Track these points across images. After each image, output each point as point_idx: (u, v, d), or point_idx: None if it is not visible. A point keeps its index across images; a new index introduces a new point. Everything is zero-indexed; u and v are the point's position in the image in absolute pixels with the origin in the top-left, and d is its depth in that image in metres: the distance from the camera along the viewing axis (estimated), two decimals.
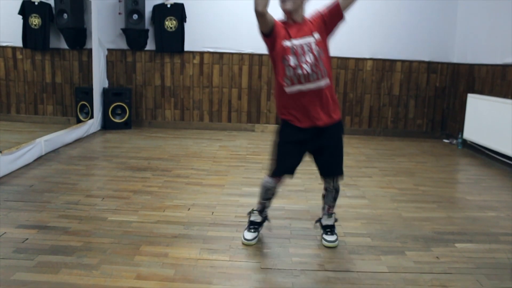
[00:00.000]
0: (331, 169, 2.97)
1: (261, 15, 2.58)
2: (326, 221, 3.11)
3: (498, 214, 3.74)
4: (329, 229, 3.08)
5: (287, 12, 2.73)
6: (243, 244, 2.99)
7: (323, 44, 2.76)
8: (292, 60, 2.70)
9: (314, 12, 2.84)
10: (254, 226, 3.08)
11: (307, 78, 2.71)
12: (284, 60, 2.71)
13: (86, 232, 3.06)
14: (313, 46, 2.71)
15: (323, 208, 3.15)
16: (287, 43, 2.70)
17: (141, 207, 3.58)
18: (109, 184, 4.16)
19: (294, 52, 2.69)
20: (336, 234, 3.08)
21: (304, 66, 2.69)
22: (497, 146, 5.40)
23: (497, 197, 4.20)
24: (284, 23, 2.76)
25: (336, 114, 2.85)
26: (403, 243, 3.08)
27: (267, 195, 3.02)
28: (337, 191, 3.05)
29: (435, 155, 5.93)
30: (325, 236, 3.06)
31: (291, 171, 2.91)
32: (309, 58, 2.70)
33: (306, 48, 2.70)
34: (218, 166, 4.93)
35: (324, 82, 2.75)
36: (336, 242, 3.03)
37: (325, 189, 3.09)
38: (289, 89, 2.74)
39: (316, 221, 3.19)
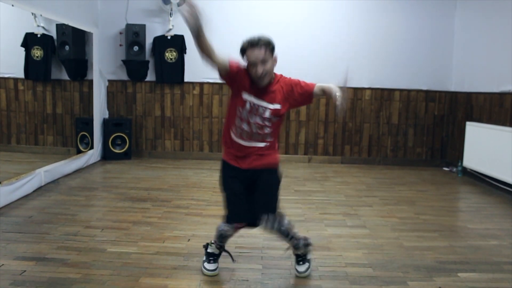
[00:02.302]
0: (260, 206, 2.86)
1: (205, 59, 2.63)
2: (296, 251, 3.02)
3: (501, 242, 3.71)
4: (300, 258, 3.03)
5: (257, 78, 2.69)
6: (205, 275, 2.94)
7: (279, 113, 2.79)
8: (244, 114, 2.74)
9: (288, 79, 2.83)
10: (213, 257, 3.02)
11: (249, 136, 2.78)
12: (238, 109, 2.75)
13: (85, 264, 3.03)
14: (267, 113, 2.74)
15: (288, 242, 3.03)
16: (246, 97, 2.73)
17: (141, 238, 3.55)
18: (109, 215, 4.14)
19: (249, 108, 2.73)
20: (308, 261, 3.02)
21: (252, 125, 2.75)
22: (497, 173, 5.40)
23: (499, 225, 4.18)
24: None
25: (273, 161, 2.87)
26: (405, 273, 3.05)
27: (221, 240, 2.98)
28: (280, 231, 2.89)
29: (435, 183, 5.92)
30: (296, 267, 3.03)
31: (244, 217, 2.86)
32: (259, 120, 2.75)
33: (260, 110, 2.74)
34: (218, 196, 4.89)
35: (263, 144, 2.81)
36: (308, 271, 2.99)
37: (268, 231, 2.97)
38: (233, 137, 2.81)
39: (286, 249, 3.12)
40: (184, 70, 6.89)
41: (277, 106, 2.76)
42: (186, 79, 6.92)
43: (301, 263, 3.03)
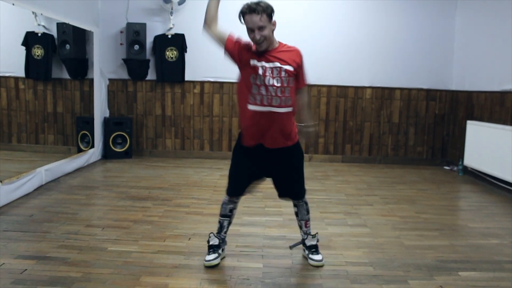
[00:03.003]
0: (288, 192, 3.08)
1: (207, 28, 2.80)
2: (311, 242, 3.18)
3: (502, 241, 3.71)
4: (314, 248, 3.17)
5: (255, 43, 2.76)
6: (205, 266, 3.03)
7: (293, 75, 2.83)
8: (259, 79, 2.75)
9: (299, 52, 2.93)
10: (213, 248, 3.11)
11: (269, 100, 2.77)
12: (252, 77, 2.78)
13: (86, 263, 3.03)
14: (282, 73, 2.77)
15: (300, 226, 3.21)
16: (255, 63, 2.76)
17: (141, 237, 3.55)
18: (109, 214, 4.14)
19: (263, 72, 2.74)
20: (320, 253, 3.16)
21: (270, 88, 2.76)
22: (497, 172, 5.39)
23: (499, 224, 4.18)
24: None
25: (291, 140, 2.94)
26: (406, 272, 3.05)
27: (224, 210, 3.12)
28: (306, 203, 3.15)
29: (436, 182, 5.92)
30: (311, 256, 3.14)
31: (239, 192, 3.06)
32: (276, 81, 2.76)
33: (275, 72, 2.76)
34: (219, 195, 4.91)
35: (285, 110, 2.82)
36: (323, 261, 3.11)
37: (294, 204, 3.16)
38: (251, 107, 2.81)
39: (292, 246, 3.26)
40: (184, 69, 6.89)
41: (289, 67, 2.79)
42: (186, 78, 6.92)
43: (315, 253, 3.15)
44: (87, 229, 3.69)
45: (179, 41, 6.77)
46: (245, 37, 2.87)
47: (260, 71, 2.74)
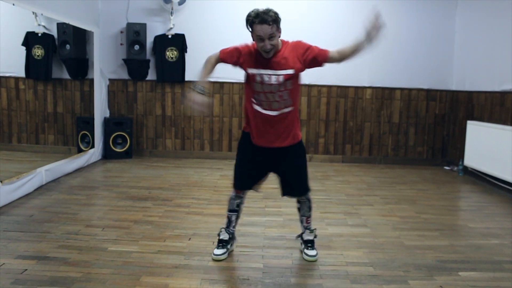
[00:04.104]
0: (293, 190, 3.12)
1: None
2: (308, 236, 3.25)
3: (502, 241, 3.71)
4: (310, 244, 3.23)
5: (264, 51, 2.79)
6: (213, 260, 3.11)
7: (294, 77, 2.85)
8: (257, 86, 2.83)
9: (299, 43, 2.92)
10: (222, 243, 3.20)
11: (269, 105, 2.86)
12: (251, 84, 2.88)
13: (86, 263, 3.03)
14: (281, 79, 2.81)
15: (301, 221, 3.27)
16: (253, 71, 2.82)
17: (142, 237, 3.55)
18: (110, 214, 4.14)
19: (260, 80, 2.81)
20: (315, 249, 3.23)
21: (268, 95, 2.83)
22: (498, 172, 5.39)
23: (500, 224, 4.17)
24: (256, 50, 2.84)
25: (294, 138, 2.99)
26: (406, 272, 3.05)
27: (232, 205, 3.18)
28: (309, 200, 3.19)
29: (436, 182, 5.92)
30: (306, 251, 3.21)
31: (246, 186, 3.11)
32: (274, 88, 2.82)
33: (273, 79, 2.81)
34: (219, 195, 4.91)
35: (286, 110, 2.90)
36: (316, 257, 3.18)
37: (298, 201, 3.21)
38: (256, 107, 2.90)
39: (298, 236, 3.32)
40: (185, 69, 6.88)
41: (289, 71, 2.82)
42: (187, 78, 6.91)
43: (310, 248, 3.21)
44: (87, 229, 3.69)
45: (179, 41, 6.77)
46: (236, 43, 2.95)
47: (258, 79, 2.82)
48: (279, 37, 2.82)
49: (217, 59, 2.94)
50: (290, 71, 2.82)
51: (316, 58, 2.86)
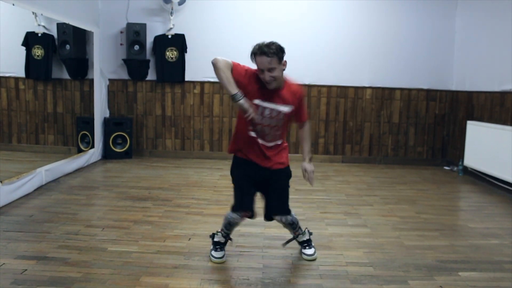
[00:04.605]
0: (277, 210, 3.10)
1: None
2: (302, 238, 3.27)
3: (502, 241, 3.71)
4: (307, 243, 3.27)
5: (264, 81, 2.82)
6: (213, 262, 3.11)
7: (289, 115, 2.94)
8: (257, 118, 2.86)
9: (302, 94, 3.01)
10: (219, 246, 3.20)
11: (263, 136, 2.93)
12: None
13: (86, 263, 3.03)
14: (281, 116, 2.89)
15: (292, 233, 3.29)
16: (257, 102, 2.85)
17: (141, 237, 3.55)
18: (109, 214, 4.14)
19: (261, 112, 2.86)
20: (313, 247, 3.26)
21: (265, 128, 2.91)
22: (497, 172, 5.39)
23: (499, 224, 4.17)
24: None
25: (282, 162, 3.03)
26: (406, 272, 3.05)
27: (229, 228, 3.16)
28: (290, 224, 3.17)
29: (436, 182, 5.91)
30: (304, 251, 3.25)
31: (247, 205, 3.04)
32: (273, 121, 2.90)
33: (274, 113, 2.88)
34: (219, 195, 4.91)
35: (275, 143, 2.98)
36: (315, 255, 3.21)
37: (284, 224, 3.20)
38: (250, 133, 2.94)
39: (285, 243, 3.31)
40: (184, 69, 6.89)
41: (288, 109, 2.90)
42: (187, 78, 6.92)
43: (307, 247, 3.25)
44: (87, 229, 3.69)
45: (179, 41, 6.77)
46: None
47: (260, 111, 2.86)
48: (283, 70, 2.83)
49: (230, 68, 2.81)
50: (289, 109, 2.90)
51: (299, 114, 3.03)
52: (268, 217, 3.13)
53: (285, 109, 2.88)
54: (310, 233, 3.33)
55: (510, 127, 5.23)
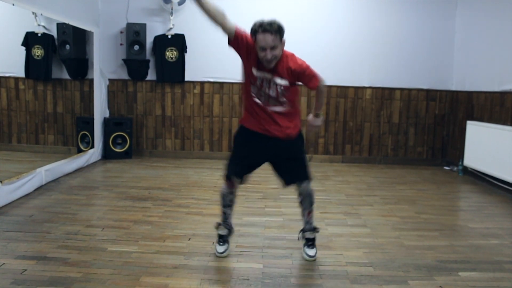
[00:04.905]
0: (293, 176, 3.12)
1: (212, 21, 2.79)
2: (310, 235, 3.27)
3: (502, 241, 3.71)
4: (311, 242, 3.26)
5: (265, 61, 2.83)
6: (217, 256, 3.17)
7: (288, 87, 2.93)
8: (257, 85, 2.90)
9: (297, 62, 2.96)
10: (222, 239, 3.25)
11: (267, 102, 2.94)
12: (251, 82, 2.93)
13: (86, 263, 3.03)
14: (278, 87, 2.90)
15: (303, 215, 3.27)
16: (256, 72, 2.88)
17: (141, 237, 3.55)
18: (109, 214, 4.14)
19: (261, 82, 2.89)
20: (316, 247, 3.26)
21: (266, 95, 2.92)
22: (497, 172, 5.39)
23: (500, 224, 4.17)
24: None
25: (292, 130, 3.05)
26: (406, 272, 3.05)
27: (225, 201, 3.22)
28: (310, 194, 3.17)
29: (436, 182, 5.91)
30: (306, 249, 3.24)
31: (239, 174, 3.09)
32: (272, 91, 2.91)
33: (272, 84, 2.89)
34: (218, 195, 4.90)
35: (280, 109, 2.97)
36: (315, 257, 3.20)
37: (299, 193, 3.20)
38: (254, 99, 2.96)
39: (301, 231, 3.31)
40: (184, 69, 6.89)
41: (285, 82, 2.89)
42: (186, 78, 6.92)
43: (311, 247, 3.24)
44: (87, 230, 3.69)
45: (179, 42, 6.77)
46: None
47: (258, 82, 2.88)
48: (282, 48, 2.86)
49: (229, 28, 2.82)
50: (285, 82, 2.90)
51: (306, 83, 3.01)
52: (289, 182, 3.14)
53: (281, 82, 2.88)
54: (317, 231, 3.31)
55: (510, 127, 5.23)
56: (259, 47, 2.77)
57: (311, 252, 3.22)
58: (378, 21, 6.85)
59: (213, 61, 6.86)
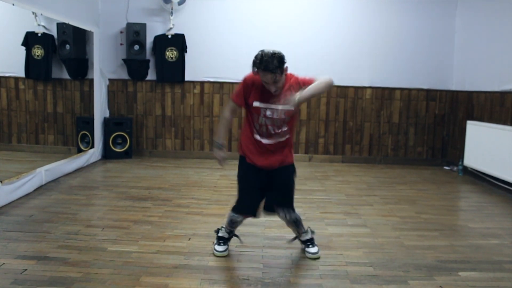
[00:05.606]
0: (278, 202, 3.09)
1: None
2: (305, 237, 3.29)
3: (502, 241, 3.71)
4: (310, 242, 3.29)
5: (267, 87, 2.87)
6: (216, 256, 3.19)
7: (292, 111, 2.95)
8: (260, 119, 2.93)
9: (298, 80, 2.94)
10: (222, 240, 3.28)
11: (269, 135, 2.98)
12: (254, 116, 2.96)
13: (86, 263, 3.03)
14: (282, 114, 2.92)
15: (296, 232, 3.30)
16: (258, 104, 2.91)
17: (141, 237, 3.55)
18: (109, 214, 4.14)
19: (264, 114, 2.91)
20: (316, 245, 3.28)
21: (270, 127, 2.95)
22: (497, 172, 5.39)
23: (499, 224, 4.17)
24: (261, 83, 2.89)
25: (288, 159, 3.08)
26: (406, 272, 3.05)
27: (234, 225, 3.23)
28: (294, 222, 3.16)
29: (436, 182, 5.91)
30: (307, 249, 3.27)
31: (251, 209, 3.08)
32: (276, 122, 2.93)
33: (275, 114, 2.91)
34: (219, 195, 4.91)
35: (283, 139, 3.01)
36: (318, 253, 3.23)
37: (287, 222, 3.20)
38: (256, 136, 3.00)
39: (291, 240, 3.35)
40: (184, 69, 6.89)
41: (289, 107, 2.88)
42: (186, 78, 6.92)
43: (311, 246, 3.27)
44: (87, 229, 3.69)
45: (179, 41, 6.77)
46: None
47: (262, 113, 2.91)
48: (285, 74, 2.86)
49: (233, 107, 3.04)
50: (291, 107, 2.89)
51: (309, 81, 2.96)
52: (269, 207, 3.10)
53: (284, 108, 2.89)
54: (313, 232, 3.35)
55: (510, 127, 5.23)
56: (262, 80, 2.81)
57: (313, 249, 3.25)
58: (378, 21, 6.85)
59: (213, 61, 6.86)
